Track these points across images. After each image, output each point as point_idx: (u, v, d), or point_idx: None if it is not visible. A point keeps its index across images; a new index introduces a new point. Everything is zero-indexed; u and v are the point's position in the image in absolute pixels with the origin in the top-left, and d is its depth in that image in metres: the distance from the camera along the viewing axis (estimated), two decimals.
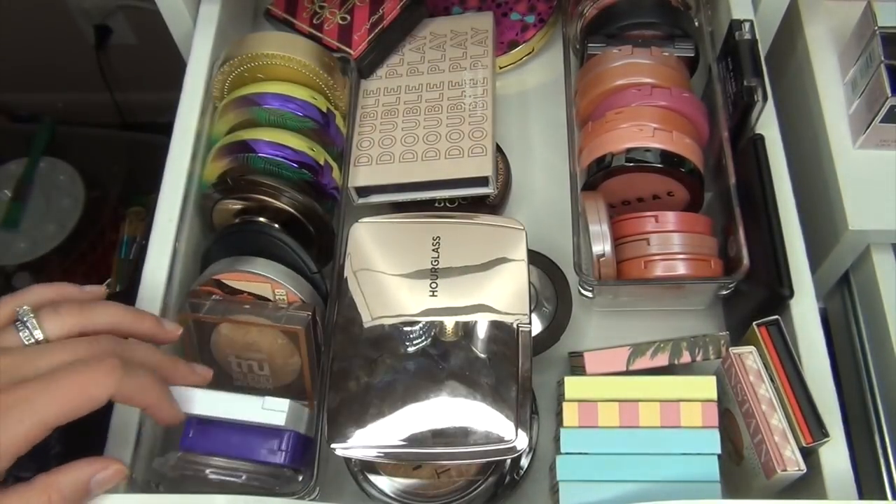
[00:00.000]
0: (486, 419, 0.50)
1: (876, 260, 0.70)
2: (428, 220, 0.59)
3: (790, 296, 0.57)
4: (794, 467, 0.50)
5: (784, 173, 0.65)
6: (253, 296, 0.59)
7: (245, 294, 0.59)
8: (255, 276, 0.58)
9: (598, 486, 0.51)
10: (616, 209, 0.66)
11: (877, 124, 0.67)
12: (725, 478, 0.53)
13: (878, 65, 0.66)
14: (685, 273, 0.60)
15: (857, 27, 0.71)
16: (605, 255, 0.60)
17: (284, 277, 0.59)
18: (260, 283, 0.59)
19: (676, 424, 0.53)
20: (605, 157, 0.63)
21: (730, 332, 0.57)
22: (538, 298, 0.64)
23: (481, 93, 0.71)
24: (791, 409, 0.53)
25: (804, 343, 0.58)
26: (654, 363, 0.56)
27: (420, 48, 0.76)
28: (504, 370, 0.52)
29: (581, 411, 0.53)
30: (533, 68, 0.80)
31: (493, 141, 0.68)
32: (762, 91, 0.62)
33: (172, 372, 0.47)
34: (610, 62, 0.66)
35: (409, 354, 0.53)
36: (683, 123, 0.63)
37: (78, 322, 0.44)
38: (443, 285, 0.55)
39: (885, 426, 0.67)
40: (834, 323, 0.77)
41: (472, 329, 0.53)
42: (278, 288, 0.59)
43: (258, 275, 0.58)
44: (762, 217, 0.60)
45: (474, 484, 0.55)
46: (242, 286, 0.59)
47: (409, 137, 0.69)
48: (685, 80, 0.67)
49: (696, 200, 0.65)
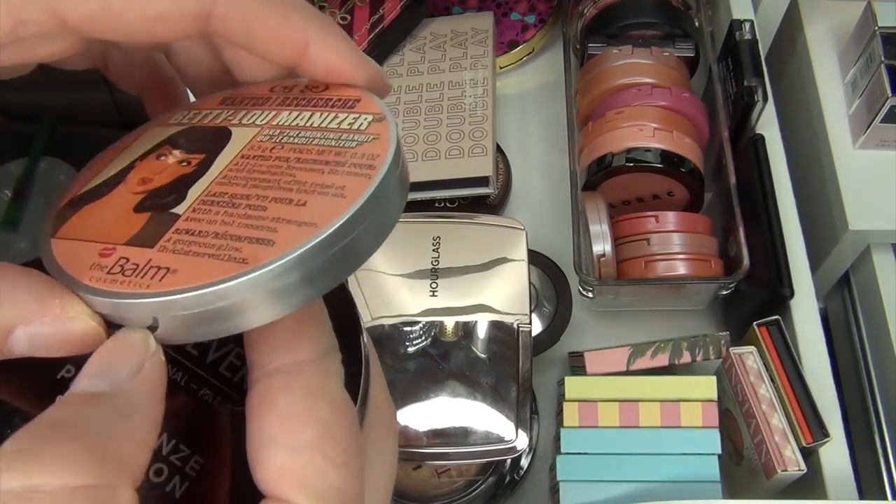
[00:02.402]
0: (486, 419, 0.50)
1: (876, 260, 0.70)
2: (428, 220, 0.59)
3: (790, 296, 0.57)
4: (795, 467, 0.50)
5: (784, 173, 0.65)
6: None
7: None
8: None
9: (598, 486, 0.51)
10: (616, 209, 0.66)
11: (877, 124, 0.67)
12: (725, 478, 0.53)
13: (879, 65, 0.66)
14: (685, 273, 0.60)
15: (857, 27, 0.71)
16: (605, 255, 0.60)
17: None
18: None
19: (677, 424, 0.53)
20: (606, 156, 0.63)
21: (730, 332, 0.57)
22: (538, 298, 0.64)
23: (481, 93, 0.71)
24: (791, 409, 0.53)
25: (804, 343, 0.58)
26: (654, 363, 0.56)
27: (420, 48, 0.76)
28: (504, 370, 0.52)
29: (581, 411, 0.53)
30: (533, 68, 0.80)
31: (493, 141, 0.68)
32: (762, 91, 0.62)
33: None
34: (610, 62, 0.66)
35: (409, 354, 0.53)
36: (683, 123, 0.63)
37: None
38: (443, 285, 0.55)
39: (885, 426, 0.67)
40: (834, 323, 0.77)
41: (472, 329, 0.53)
42: None
43: None
44: (762, 217, 0.60)
45: (474, 484, 0.55)
46: None
47: (409, 137, 0.69)
48: (685, 80, 0.67)
49: (696, 200, 0.65)
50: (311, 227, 0.18)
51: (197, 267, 0.19)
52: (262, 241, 0.19)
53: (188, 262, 0.19)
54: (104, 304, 0.19)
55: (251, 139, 0.23)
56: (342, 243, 0.19)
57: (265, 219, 0.19)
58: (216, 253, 0.19)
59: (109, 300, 0.19)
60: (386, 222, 0.20)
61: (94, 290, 0.19)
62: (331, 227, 0.18)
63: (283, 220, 0.19)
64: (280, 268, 0.18)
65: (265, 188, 0.21)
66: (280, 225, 0.19)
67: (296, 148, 0.22)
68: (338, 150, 0.21)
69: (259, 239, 0.19)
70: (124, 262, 0.20)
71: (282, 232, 0.19)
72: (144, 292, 0.19)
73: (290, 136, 0.22)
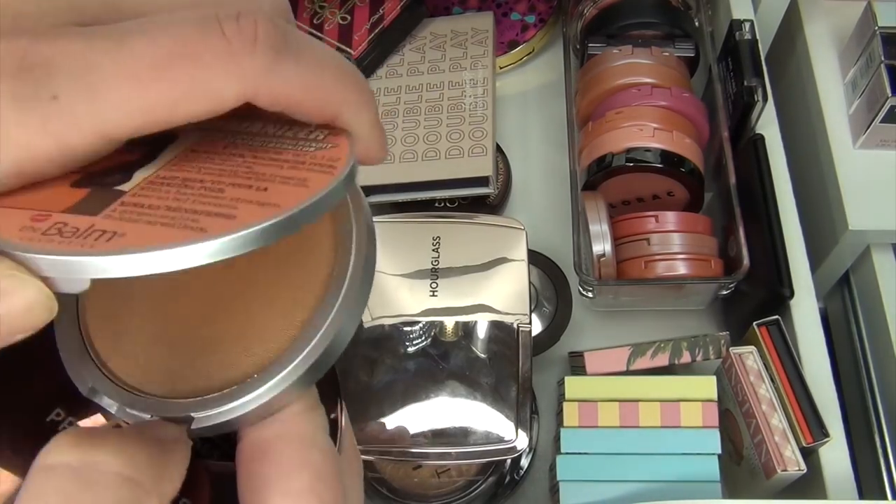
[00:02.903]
0: (486, 419, 0.50)
1: (876, 260, 0.70)
2: (428, 220, 0.59)
3: (790, 296, 0.57)
4: (795, 467, 0.50)
5: (784, 173, 0.65)
6: None
7: None
8: None
9: (598, 486, 0.51)
10: (616, 209, 0.66)
11: (877, 124, 0.67)
12: (725, 478, 0.53)
13: (878, 65, 0.66)
14: (685, 273, 0.60)
15: (857, 27, 0.71)
16: (605, 255, 0.60)
17: None
18: None
19: (676, 424, 0.53)
20: (606, 156, 0.63)
21: (730, 332, 0.57)
22: (538, 298, 0.64)
23: (481, 93, 0.71)
24: (791, 409, 0.53)
25: (804, 343, 0.58)
26: (654, 363, 0.56)
27: (420, 48, 0.76)
28: (504, 370, 0.52)
29: (581, 411, 0.53)
30: (533, 68, 0.80)
31: (493, 141, 0.68)
32: (762, 91, 0.62)
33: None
34: (610, 62, 0.66)
35: (409, 354, 0.53)
36: (683, 123, 0.63)
37: None
38: (443, 285, 0.55)
39: (885, 426, 0.67)
40: (834, 323, 0.77)
41: (472, 329, 0.53)
42: None
43: None
44: (762, 217, 0.60)
45: (474, 484, 0.55)
46: None
47: (409, 137, 0.69)
48: (685, 80, 0.67)
49: (696, 200, 0.65)
50: (273, 207, 0.17)
51: (149, 233, 0.16)
52: (222, 216, 0.17)
53: (138, 229, 0.17)
54: (43, 262, 0.16)
55: (200, 138, 0.21)
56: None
57: (223, 199, 0.18)
58: (170, 222, 0.17)
59: (48, 257, 0.16)
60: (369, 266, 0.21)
61: (28, 248, 0.16)
62: (296, 207, 0.17)
63: (242, 200, 0.17)
64: (242, 239, 0.16)
65: (220, 175, 0.19)
66: (240, 204, 0.17)
67: (251, 147, 0.20)
68: (296, 151, 0.20)
69: (218, 214, 0.17)
70: (62, 225, 0.17)
71: (242, 209, 0.17)
72: (90, 251, 0.16)
73: (244, 137, 0.21)
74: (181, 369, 0.21)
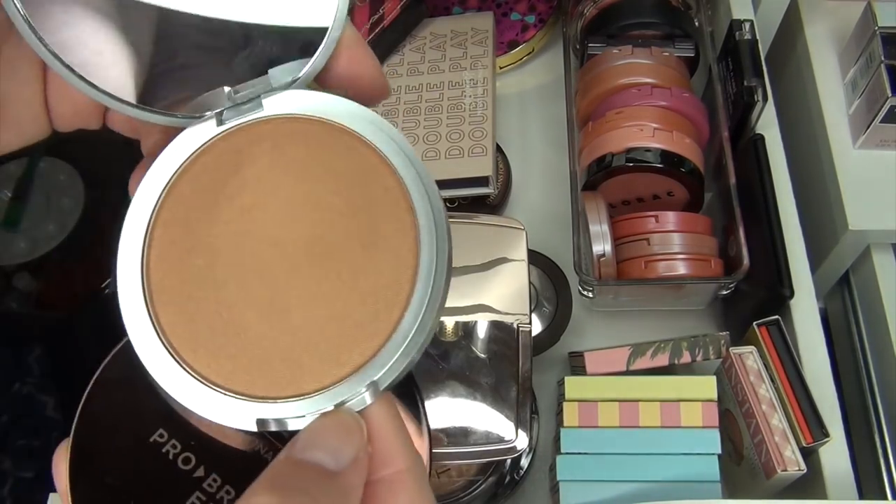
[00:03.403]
0: (486, 419, 0.50)
1: (876, 260, 0.70)
2: None
3: (790, 296, 0.57)
4: (795, 467, 0.50)
5: (784, 173, 0.65)
6: None
7: None
8: None
9: (598, 486, 0.51)
10: (616, 209, 0.66)
11: (877, 124, 0.67)
12: (725, 478, 0.53)
13: (878, 65, 0.66)
14: (685, 273, 0.60)
15: (857, 27, 0.71)
16: (605, 255, 0.60)
17: None
18: None
19: (676, 424, 0.53)
20: (605, 156, 0.63)
21: (730, 332, 0.57)
22: (538, 298, 0.64)
23: (481, 93, 0.71)
24: (791, 409, 0.53)
25: (804, 343, 0.58)
26: (654, 363, 0.56)
27: (420, 48, 0.76)
28: (504, 370, 0.52)
29: (581, 411, 0.53)
30: (533, 68, 0.80)
31: (493, 141, 0.68)
32: (762, 91, 0.62)
33: None
34: (610, 62, 0.66)
35: None
36: (683, 123, 0.63)
37: None
38: None
39: (885, 426, 0.67)
40: (834, 323, 0.77)
41: (472, 329, 0.53)
42: None
43: None
44: (762, 217, 0.60)
45: (474, 484, 0.55)
46: None
47: (409, 137, 0.69)
48: (685, 80, 0.67)
49: (696, 200, 0.65)
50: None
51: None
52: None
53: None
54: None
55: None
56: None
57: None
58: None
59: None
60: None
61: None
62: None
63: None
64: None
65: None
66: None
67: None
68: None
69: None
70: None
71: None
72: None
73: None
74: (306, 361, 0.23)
